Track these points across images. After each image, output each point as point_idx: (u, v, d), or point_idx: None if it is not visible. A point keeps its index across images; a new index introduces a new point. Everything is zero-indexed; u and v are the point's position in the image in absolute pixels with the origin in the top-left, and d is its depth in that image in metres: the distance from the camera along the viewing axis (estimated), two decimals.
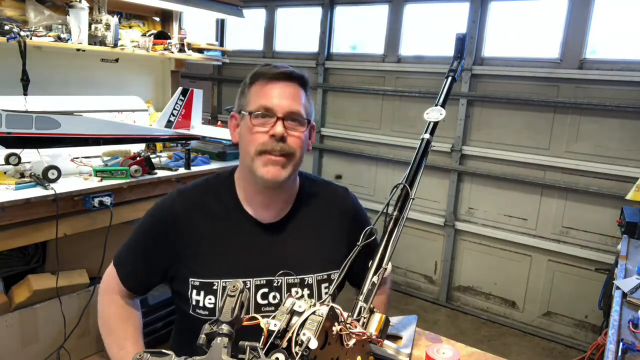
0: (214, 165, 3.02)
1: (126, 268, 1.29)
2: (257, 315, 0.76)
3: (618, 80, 3.14)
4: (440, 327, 3.65)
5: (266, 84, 1.19)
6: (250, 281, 1.21)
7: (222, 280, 1.20)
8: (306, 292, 1.25)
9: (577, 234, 3.42)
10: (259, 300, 1.21)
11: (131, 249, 1.31)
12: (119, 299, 1.28)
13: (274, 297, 1.22)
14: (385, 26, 4.07)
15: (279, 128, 1.15)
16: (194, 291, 1.20)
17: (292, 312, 0.76)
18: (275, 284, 1.22)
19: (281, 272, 1.23)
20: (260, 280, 1.21)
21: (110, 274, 1.30)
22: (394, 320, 1.35)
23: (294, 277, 1.24)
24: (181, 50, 3.36)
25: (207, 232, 1.24)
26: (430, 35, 3.96)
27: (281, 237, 1.26)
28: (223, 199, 1.28)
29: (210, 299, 1.19)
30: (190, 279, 1.21)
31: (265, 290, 1.22)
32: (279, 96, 1.17)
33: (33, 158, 2.43)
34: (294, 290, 1.24)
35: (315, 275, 1.26)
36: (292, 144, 1.18)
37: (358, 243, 1.07)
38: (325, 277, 1.28)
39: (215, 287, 1.19)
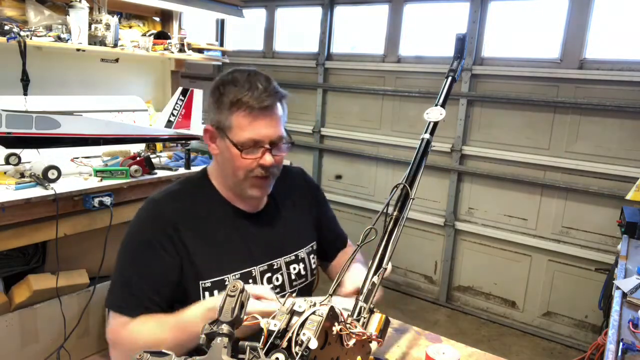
0: None
1: (134, 297, 1.16)
2: (257, 315, 0.76)
3: (618, 80, 3.14)
4: (440, 327, 3.65)
5: (253, 117, 1.17)
6: (255, 269, 1.27)
7: (232, 275, 1.23)
8: (301, 265, 1.38)
9: (577, 234, 3.42)
10: (266, 284, 1.29)
11: (128, 276, 1.19)
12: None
13: (277, 279, 1.31)
14: (385, 26, 4.07)
15: (268, 159, 1.20)
16: (206, 293, 1.20)
17: (292, 312, 0.76)
18: (275, 267, 1.31)
19: (280, 257, 1.34)
20: (262, 267, 1.29)
21: (115, 323, 1.17)
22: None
23: (290, 255, 1.35)
24: (181, 50, 3.36)
25: (204, 231, 1.24)
26: (430, 35, 3.96)
27: (268, 223, 1.34)
28: (206, 198, 1.29)
29: None
30: (201, 282, 1.20)
31: (269, 274, 1.30)
32: (266, 127, 1.19)
33: (33, 158, 2.43)
34: (292, 266, 1.35)
35: (304, 249, 1.40)
36: (276, 164, 1.24)
37: (358, 243, 1.08)
38: (311, 249, 1.43)
39: (227, 283, 1.21)
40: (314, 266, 1.43)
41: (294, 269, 1.36)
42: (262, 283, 1.27)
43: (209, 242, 1.23)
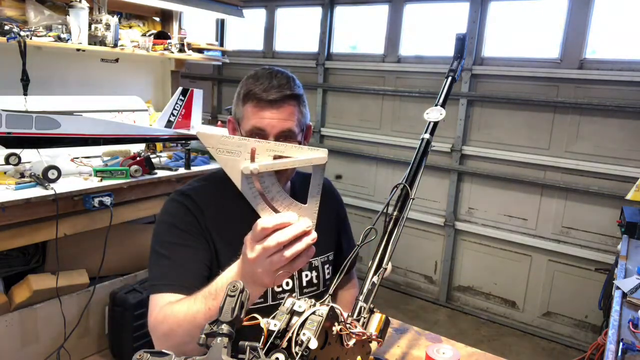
0: (214, 165, 3.02)
1: (175, 274, 1.17)
2: (257, 315, 0.76)
3: (618, 80, 3.14)
4: (440, 327, 3.65)
5: (260, 108, 1.20)
6: None
7: None
8: (314, 274, 1.37)
9: (577, 234, 3.42)
10: (275, 288, 1.29)
11: (165, 257, 1.21)
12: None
13: (287, 284, 1.32)
14: (385, 26, 4.07)
15: None
16: None
17: (292, 312, 0.76)
18: None
19: None
20: None
21: (157, 303, 1.16)
22: None
23: None
24: (181, 50, 3.36)
25: (226, 223, 1.26)
26: (430, 35, 3.96)
27: None
28: (228, 194, 1.28)
29: None
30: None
31: None
32: (272, 118, 1.20)
33: (33, 158, 2.43)
34: (304, 273, 1.35)
35: (319, 257, 1.39)
36: None
37: (358, 243, 1.08)
38: (326, 259, 1.42)
39: None
40: (327, 277, 1.42)
41: (306, 275, 1.36)
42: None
43: (229, 232, 1.24)
